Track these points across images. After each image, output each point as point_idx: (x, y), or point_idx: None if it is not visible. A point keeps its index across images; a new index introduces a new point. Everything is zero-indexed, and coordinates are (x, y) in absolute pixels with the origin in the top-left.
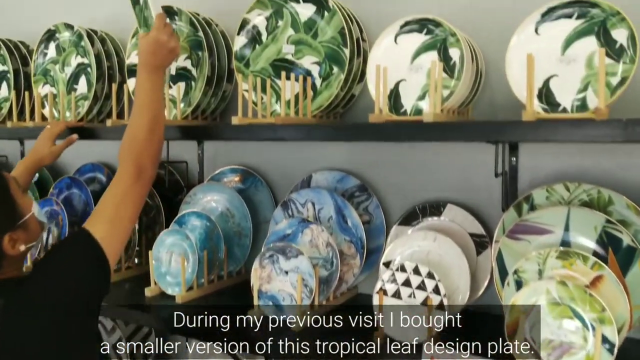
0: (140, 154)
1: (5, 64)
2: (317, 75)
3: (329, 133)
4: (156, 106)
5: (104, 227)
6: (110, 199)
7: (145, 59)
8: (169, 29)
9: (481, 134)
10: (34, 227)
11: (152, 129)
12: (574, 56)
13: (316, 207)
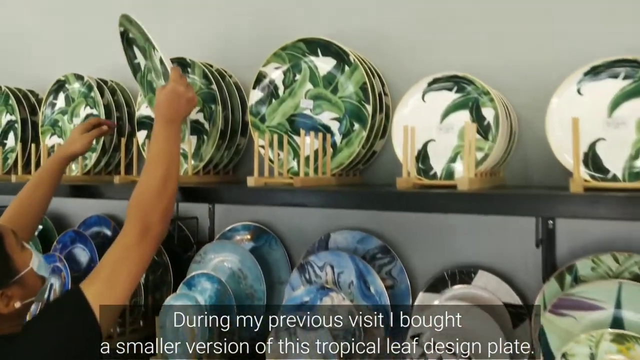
0: (149, 209)
1: (14, 114)
2: (337, 132)
3: (354, 201)
4: (170, 160)
5: (98, 288)
6: (110, 257)
7: (162, 110)
8: (185, 81)
9: (529, 208)
10: (33, 282)
11: (164, 183)
12: (622, 119)
13: (335, 271)
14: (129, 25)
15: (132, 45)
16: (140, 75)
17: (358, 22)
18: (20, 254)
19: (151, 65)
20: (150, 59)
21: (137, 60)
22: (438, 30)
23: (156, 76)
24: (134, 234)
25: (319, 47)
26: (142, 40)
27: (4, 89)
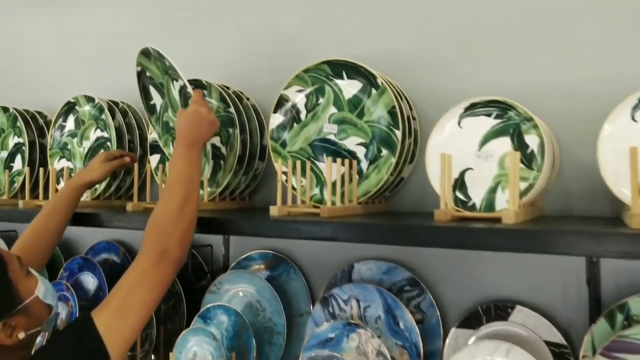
0: (166, 232)
1: (21, 136)
2: (363, 158)
3: (390, 236)
4: (189, 183)
5: (109, 316)
6: (123, 284)
7: (183, 132)
8: (207, 103)
9: (585, 247)
10: (38, 311)
11: (183, 207)
12: None
13: (361, 305)
14: (147, 62)
15: (148, 86)
16: (155, 117)
17: (383, 43)
18: (25, 281)
19: (168, 100)
20: (168, 92)
21: (153, 102)
22: (468, 51)
23: (173, 111)
24: (149, 258)
25: (344, 69)
26: (160, 75)
27: (12, 111)
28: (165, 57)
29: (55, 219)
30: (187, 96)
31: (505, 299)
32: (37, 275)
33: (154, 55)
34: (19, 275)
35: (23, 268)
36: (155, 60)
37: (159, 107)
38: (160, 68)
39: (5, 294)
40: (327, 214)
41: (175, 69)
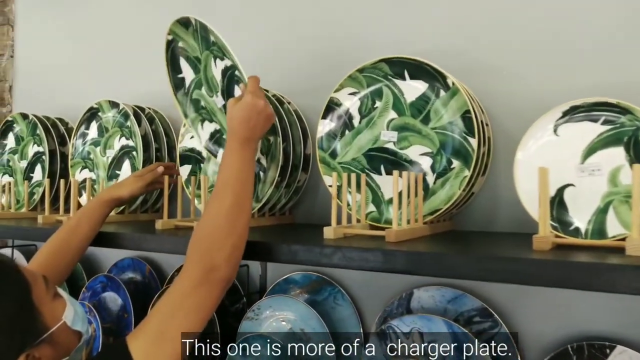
0: (213, 246)
1: (41, 145)
2: (428, 170)
3: (483, 271)
4: (242, 188)
5: (143, 344)
6: (162, 306)
7: (238, 127)
8: (263, 93)
9: None
10: (66, 339)
11: (233, 216)
12: None
13: (425, 339)
14: (183, 32)
15: (178, 57)
16: (182, 91)
17: (444, 40)
18: (51, 305)
19: (204, 77)
20: (206, 69)
21: (181, 75)
22: (550, 47)
23: (209, 90)
24: (192, 276)
25: (406, 68)
26: (197, 49)
27: (32, 118)
28: (212, 31)
29: (78, 235)
30: (232, 80)
31: (602, 337)
32: (66, 297)
33: (195, 28)
34: (44, 299)
35: (50, 290)
36: (196, 33)
37: (189, 82)
38: (200, 42)
39: (29, 322)
40: (394, 238)
41: (224, 47)
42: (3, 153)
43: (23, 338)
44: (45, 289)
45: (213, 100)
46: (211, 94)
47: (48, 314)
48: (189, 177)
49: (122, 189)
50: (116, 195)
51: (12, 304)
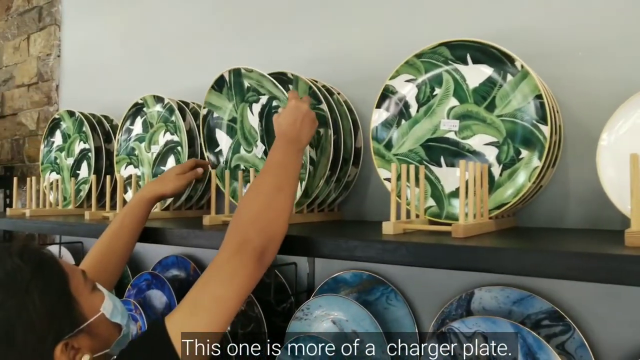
0: (247, 221)
1: (87, 142)
2: (494, 161)
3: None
4: (284, 173)
5: (179, 318)
6: (198, 282)
7: (285, 129)
8: (308, 100)
9: None
10: (105, 331)
11: (272, 195)
12: None
13: (490, 343)
14: (216, 100)
15: (214, 130)
16: (220, 167)
17: (507, 21)
18: (89, 297)
19: (241, 135)
20: (243, 126)
21: (218, 148)
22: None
23: (248, 145)
24: (226, 248)
25: (468, 51)
26: (232, 109)
27: (78, 115)
28: (245, 74)
29: (123, 236)
30: (270, 115)
31: None
32: (104, 292)
33: (229, 84)
34: (82, 290)
35: (88, 283)
36: (230, 91)
37: (226, 152)
38: (235, 97)
39: (67, 311)
40: (462, 234)
41: (259, 80)
42: (50, 151)
43: (60, 327)
44: (84, 281)
45: (252, 154)
46: (249, 148)
47: (86, 305)
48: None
49: (165, 186)
50: (160, 192)
51: (50, 293)
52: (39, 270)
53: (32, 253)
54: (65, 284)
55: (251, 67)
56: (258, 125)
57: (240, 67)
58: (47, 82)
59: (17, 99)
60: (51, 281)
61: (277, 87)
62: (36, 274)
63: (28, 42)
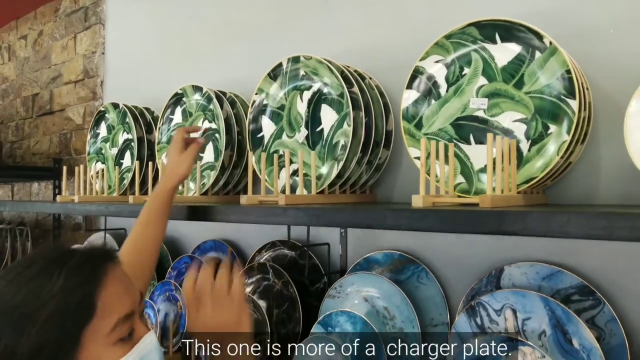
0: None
1: (130, 132)
2: (522, 137)
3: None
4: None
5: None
6: None
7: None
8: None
9: None
10: None
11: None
12: None
13: (519, 317)
14: (268, 87)
15: (260, 115)
16: (259, 152)
17: (539, 2)
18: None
19: (286, 121)
20: (290, 113)
21: (260, 134)
22: None
23: (291, 130)
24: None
25: (497, 30)
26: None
27: (122, 107)
28: (303, 61)
29: (152, 230)
30: (319, 102)
31: None
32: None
33: (285, 71)
34: (100, 338)
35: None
36: (284, 79)
37: (268, 138)
38: (288, 86)
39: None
40: (489, 204)
41: (315, 68)
42: (96, 142)
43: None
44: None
45: (294, 139)
46: (292, 134)
47: (90, 356)
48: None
49: (180, 169)
50: (178, 178)
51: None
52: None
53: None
54: (79, 324)
55: (310, 55)
56: (305, 111)
57: (300, 55)
58: (92, 78)
59: (65, 95)
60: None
61: (332, 72)
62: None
63: (75, 41)
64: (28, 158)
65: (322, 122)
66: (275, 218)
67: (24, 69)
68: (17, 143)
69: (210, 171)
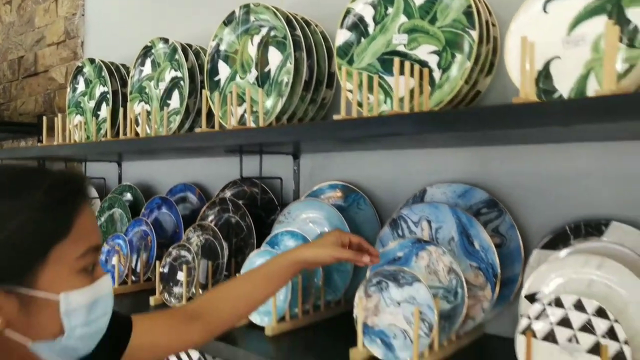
0: None
1: (106, 85)
2: (435, 67)
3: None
4: None
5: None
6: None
7: None
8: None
9: None
10: (44, 320)
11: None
12: None
13: (433, 226)
14: (223, 33)
15: (217, 61)
16: (218, 91)
17: None
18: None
19: (239, 65)
20: (242, 56)
21: (217, 77)
22: None
23: (243, 72)
24: None
25: None
26: (235, 42)
27: (98, 62)
28: (253, 9)
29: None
30: (267, 45)
31: (600, 216)
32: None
33: (238, 20)
34: (67, 260)
35: (84, 260)
36: (237, 26)
37: (224, 81)
38: (240, 32)
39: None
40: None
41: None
42: (75, 96)
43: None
44: (81, 255)
45: (246, 80)
46: (244, 75)
47: (53, 275)
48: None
49: (318, 250)
50: (311, 257)
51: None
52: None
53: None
54: (52, 240)
55: (259, 2)
56: (255, 54)
57: (250, 3)
58: (73, 39)
59: (48, 56)
60: (41, 222)
61: (277, 17)
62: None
63: (56, 4)
64: (15, 118)
65: (270, 63)
66: (227, 140)
67: (9, 33)
68: (5, 105)
69: (176, 116)
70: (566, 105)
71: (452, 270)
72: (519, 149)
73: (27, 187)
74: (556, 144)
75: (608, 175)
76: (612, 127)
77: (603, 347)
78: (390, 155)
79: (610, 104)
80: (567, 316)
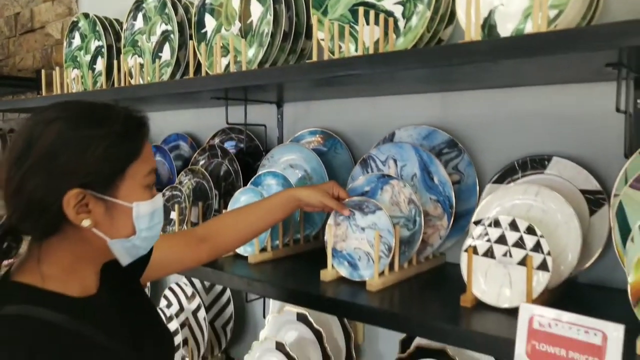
0: None
1: (101, 40)
2: (400, 17)
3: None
4: None
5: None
6: None
7: None
8: None
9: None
10: (122, 222)
11: None
12: None
13: (398, 164)
14: None
15: (204, 14)
16: (204, 44)
17: None
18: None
19: (224, 17)
20: (226, 9)
21: (204, 30)
22: None
23: (228, 25)
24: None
25: None
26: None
27: (92, 17)
28: None
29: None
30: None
31: (544, 153)
32: (156, 201)
33: None
34: (138, 177)
35: (147, 179)
36: None
37: (210, 33)
38: None
39: (109, 174)
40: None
41: None
42: (71, 50)
43: (94, 178)
44: (146, 175)
45: (230, 32)
46: (228, 27)
47: (129, 189)
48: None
49: (309, 193)
50: (301, 198)
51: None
52: (124, 129)
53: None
54: (129, 160)
55: None
56: (238, 7)
57: None
58: None
59: (44, 12)
60: (122, 145)
61: None
62: (121, 129)
63: None
64: (14, 74)
65: (252, 15)
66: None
67: None
68: (4, 61)
69: (167, 68)
70: (491, 45)
71: (412, 201)
72: (477, 94)
73: (108, 118)
74: (508, 88)
75: (549, 116)
76: (546, 67)
77: (529, 257)
78: (365, 102)
79: (523, 43)
80: (504, 234)
